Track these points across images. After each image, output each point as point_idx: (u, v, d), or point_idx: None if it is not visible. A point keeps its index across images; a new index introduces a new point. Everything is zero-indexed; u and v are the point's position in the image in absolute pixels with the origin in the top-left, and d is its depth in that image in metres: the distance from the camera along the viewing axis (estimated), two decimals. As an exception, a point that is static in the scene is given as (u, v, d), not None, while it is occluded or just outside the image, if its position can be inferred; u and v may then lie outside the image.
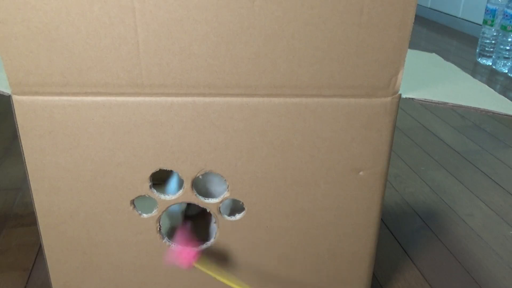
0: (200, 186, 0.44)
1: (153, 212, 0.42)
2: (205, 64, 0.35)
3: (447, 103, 0.37)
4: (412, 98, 0.38)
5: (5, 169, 0.77)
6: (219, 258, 0.44)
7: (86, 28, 0.33)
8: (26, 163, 0.39)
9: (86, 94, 0.36)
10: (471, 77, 0.49)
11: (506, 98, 0.43)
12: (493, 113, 0.37)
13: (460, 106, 0.37)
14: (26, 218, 0.64)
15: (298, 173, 0.40)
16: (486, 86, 0.46)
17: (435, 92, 0.40)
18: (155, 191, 0.41)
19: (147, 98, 0.37)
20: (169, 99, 0.37)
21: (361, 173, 0.40)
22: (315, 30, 0.34)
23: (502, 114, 0.38)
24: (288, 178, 0.40)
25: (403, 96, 0.38)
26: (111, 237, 0.42)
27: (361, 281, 0.47)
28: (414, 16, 0.34)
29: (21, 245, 0.59)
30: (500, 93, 0.81)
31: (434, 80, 0.46)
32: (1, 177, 0.75)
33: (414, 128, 0.98)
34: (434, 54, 0.58)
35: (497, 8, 1.36)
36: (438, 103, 0.37)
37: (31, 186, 0.40)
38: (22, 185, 0.72)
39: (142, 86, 0.36)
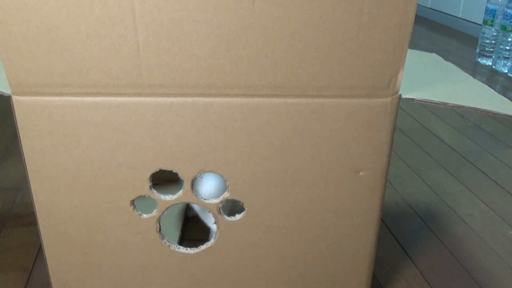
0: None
1: (153, 212, 0.42)
2: (205, 65, 0.35)
3: (447, 103, 0.37)
4: (412, 99, 0.38)
5: (5, 169, 0.77)
6: (219, 258, 0.44)
7: (86, 28, 0.33)
8: (26, 163, 0.39)
9: (86, 94, 0.36)
10: (471, 77, 0.48)
11: (506, 98, 0.43)
12: (493, 113, 0.37)
13: (460, 107, 0.37)
14: (26, 218, 0.64)
15: (298, 173, 0.40)
16: (486, 86, 0.46)
17: (435, 93, 0.40)
18: (155, 191, 0.41)
19: (147, 99, 0.36)
20: (169, 99, 0.37)
21: (361, 173, 0.40)
22: (315, 30, 0.34)
23: (502, 114, 0.38)
24: (288, 178, 0.40)
25: (403, 96, 0.38)
26: (111, 237, 0.42)
27: (361, 281, 0.47)
28: (414, 17, 0.34)
29: (21, 245, 0.59)
30: (500, 93, 0.80)
31: (434, 80, 0.46)
32: (1, 177, 0.75)
33: (414, 128, 0.98)
34: (434, 54, 0.58)
35: (497, 8, 1.36)
36: (438, 103, 0.37)
37: (31, 186, 0.40)
38: (22, 185, 0.72)
39: (142, 86, 0.36)
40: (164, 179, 0.48)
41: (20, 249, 0.58)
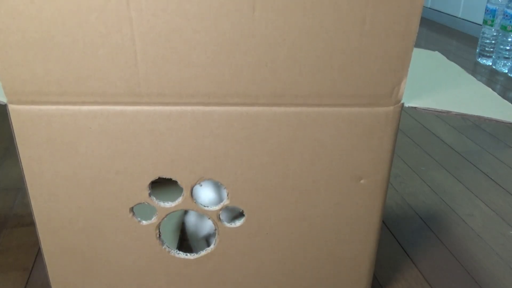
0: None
1: (153, 219, 0.41)
2: (204, 73, 0.35)
3: (451, 111, 0.36)
4: (415, 107, 0.37)
5: (5, 169, 0.77)
6: (219, 264, 0.44)
7: (83, 37, 0.33)
8: (24, 170, 0.38)
9: (84, 103, 0.36)
10: (474, 79, 0.48)
11: (509, 103, 0.43)
12: (497, 121, 0.37)
13: (464, 115, 0.37)
14: (26, 218, 0.64)
15: (299, 181, 0.40)
16: (490, 89, 0.45)
17: (438, 100, 0.39)
18: (154, 198, 0.41)
19: (146, 107, 0.36)
20: (168, 108, 0.36)
21: (362, 181, 0.40)
22: (317, 39, 0.34)
23: (506, 123, 0.37)
24: (288, 186, 0.40)
25: (406, 105, 0.38)
26: (111, 243, 0.42)
27: (361, 285, 0.47)
28: (418, 25, 0.34)
29: (21, 245, 0.59)
30: (500, 93, 0.79)
31: (437, 84, 0.45)
32: (1, 177, 0.74)
33: (414, 128, 0.97)
34: (437, 52, 0.57)
35: (497, 8, 1.35)
36: (441, 111, 0.37)
37: (29, 193, 0.40)
38: (22, 185, 0.72)
39: (140, 95, 0.35)
40: (164, 178, 0.47)
41: (20, 249, 0.58)
